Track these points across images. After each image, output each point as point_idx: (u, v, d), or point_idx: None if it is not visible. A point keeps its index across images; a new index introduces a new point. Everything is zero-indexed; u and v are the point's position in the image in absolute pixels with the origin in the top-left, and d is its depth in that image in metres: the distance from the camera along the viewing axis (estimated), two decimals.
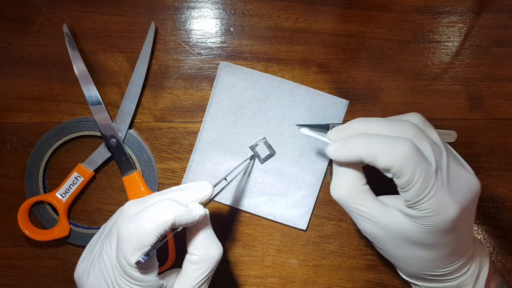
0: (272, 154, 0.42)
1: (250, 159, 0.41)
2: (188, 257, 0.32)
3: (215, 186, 0.34)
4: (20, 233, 0.41)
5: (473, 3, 0.43)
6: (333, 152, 0.31)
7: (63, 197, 0.41)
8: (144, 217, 0.29)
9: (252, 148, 0.42)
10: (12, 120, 0.43)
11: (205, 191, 0.32)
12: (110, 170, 0.43)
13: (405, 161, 0.28)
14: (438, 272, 0.32)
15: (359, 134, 0.30)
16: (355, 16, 0.43)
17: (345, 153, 0.30)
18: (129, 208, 0.31)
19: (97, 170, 0.42)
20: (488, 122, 0.43)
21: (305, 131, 0.35)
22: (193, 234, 0.32)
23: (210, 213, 0.43)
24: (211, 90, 0.43)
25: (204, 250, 0.32)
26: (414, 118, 0.32)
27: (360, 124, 0.31)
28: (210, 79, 0.43)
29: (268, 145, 0.42)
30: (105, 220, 0.43)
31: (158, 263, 0.32)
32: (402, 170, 0.28)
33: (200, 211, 0.31)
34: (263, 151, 0.42)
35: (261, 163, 0.42)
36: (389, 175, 0.29)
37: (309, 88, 0.42)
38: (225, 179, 0.36)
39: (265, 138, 0.41)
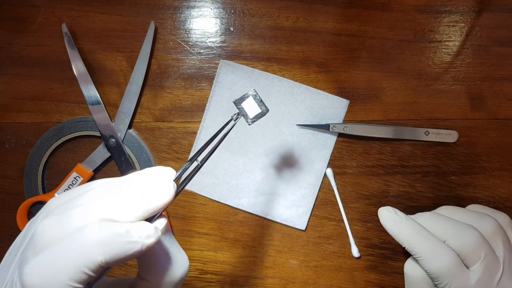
0: (264, 112, 0.31)
1: (235, 119, 0.31)
2: (138, 282, 0.24)
3: (181, 175, 0.26)
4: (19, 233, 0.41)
5: (474, 2, 0.43)
6: (385, 218, 0.34)
7: None
8: (58, 259, 0.19)
9: (237, 104, 0.31)
10: (11, 120, 0.43)
11: (165, 196, 0.22)
12: (110, 170, 0.43)
13: (444, 274, 0.30)
14: None
15: (415, 225, 0.33)
16: (355, 15, 0.43)
17: (393, 231, 0.33)
18: (45, 228, 0.20)
19: (96, 170, 0.42)
20: (489, 122, 0.43)
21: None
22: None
23: (208, 213, 0.43)
24: (211, 89, 0.42)
25: (159, 274, 0.23)
26: (502, 219, 0.35)
27: (427, 217, 0.34)
28: (210, 78, 0.43)
29: (259, 100, 0.31)
30: None
31: None
32: (438, 278, 0.31)
33: (148, 240, 0.20)
34: (251, 108, 0.31)
35: (249, 124, 0.31)
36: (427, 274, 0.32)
37: (309, 88, 0.42)
38: (196, 160, 0.28)
39: (255, 90, 0.31)
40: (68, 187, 0.41)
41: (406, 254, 0.37)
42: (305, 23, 0.43)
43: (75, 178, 0.41)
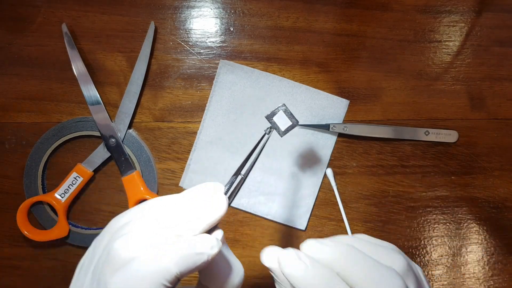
0: (294, 124, 0.32)
1: (268, 133, 0.32)
2: None
3: (229, 188, 0.28)
4: (19, 234, 0.41)
5: (474, 2, 0.43)
6: (290, 271, 0.24)
7: (62, 197, 0.41)
8: (139, 274, 0.21)
9: (269, 118, 0.32)
10: (11, 120, 0.43)
11: (220, 209, 0.24)
12: (110, 170, 0.43)
13: None
14: None
15: (326, 271, 0.24)
16: (355, 15, 0.43)
17: (299, 283, 0.23)
18: (121, 247, 0.22)
19: (96, 170, 0.42)
20: (489, 122, 0.43)
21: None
22: None
23: None
24: (211, 89, 0.42)
25: (220, 282, 0.25)
26: (400, 265, 0.26)
27: (342, 255, 0.24)
28: (210, 78, 0.43)
29: (289, 114, 0.32)
30: (104, 220, 0.43)
31: None
32: None
33: (212, 250, 0.22)
34: (282, 122, 0.32)
35: (281, 136, 0.33)
36: None
37: (309, 88, 0.42)
38: (240, 174, 0.30)
39: (285, 105, 0.32)
40: (68, 187, 0.41)
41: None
42: (305, 23, 0.43)
43: (75, 178, 0.41)
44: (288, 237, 0.43)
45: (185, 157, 0.43)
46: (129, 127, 0.42)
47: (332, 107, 0.42)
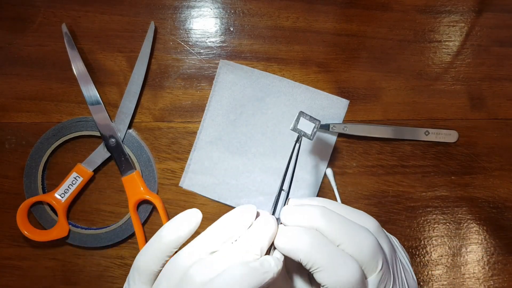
0: (318, 123, 0.35)
1: (299, 143, 0.34)
2: None
3: (276, 204, 0.29)
4: (19, 234, 0.41)
5: (474, 2, 0.43)
6: (278, 238, 0.26)
7: (62, 197, 0.41)
8: None
9: (295, 129, 0.35)
10: (11, 120, 0.43)
11: (271, 228, 0.26)
12: (109, 170, 0.43)
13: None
14: None
15: (310, 232, 0.26)
16: (355, 15, 0.43)
17: (288, 248, 0.26)
18: (196, 273, 0.24)
19: (96, 170, 0.42)
20: (489, 122, 0.43)
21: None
22: None
23: (208, 213, 0.43)
24: (211, 89, 0.42)
25: None
26: (372, 225, 0.28)
27: (318, 216, 0.26)
28: (210, 78, 0.43)
29: (309, 117, 0.35)
30: (104, 220, 0.43)
31: None
32: None
33: (277, 268, 0.25)
34: (306, 127, 0.35)
35: (311, 139, 0.35)
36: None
37: (309, 88, 0.42)
38: (283, 190, 0.31)
39: (302, 112, 0.35)
40: (68, 187, 0.41)
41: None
42: (305, 23, 0.43)
43: (75, 178, 0.41)
44: None
45: (185, 157, 0.43)
46: (129, 127, 0.42)
47: (332, 107, 0.42)
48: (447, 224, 0.43)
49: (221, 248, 0.26)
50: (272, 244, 0.27)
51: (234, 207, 0.42)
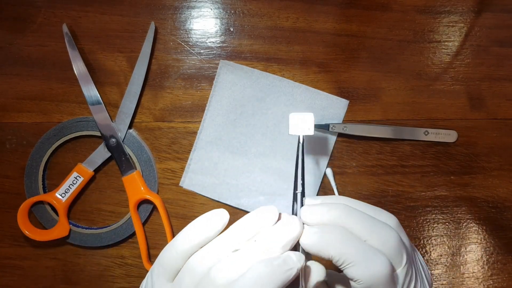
0: (312, 115, 0.35)
1: (302, 142, 0.35)
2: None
3: (293, 206, 0.30)
4: (20, 233, 0.41)
5: (473, 2, 0.43)
6: (304, 239, 0.26)
7: (62, 197, 0.41)
8: None
9: (293, 130, 0.35)
10: (12, 120, 0.43)
11: (295, 228, 0.26)
12: (110, 170, 0.43)
13: (379, 281, 0.25)
14: None
15: (338, 228, 0.26)
16: (355, 15, 0.43)
17: (317, 247, 0.26)
18: (219, 274, 0.25)
19: (96, 170, 0.42)
20: (488, 122, 0.43)
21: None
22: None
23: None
24: (211, 89, 0.43)
25: None
26: (392, 222, 0.29)
27: (340, 214, 0.27)
28: (210, 79, 0.43)
29: (301, 114, 0.35)
30: (105, 220, 0.43)
31: None
32: (370, 286, 0.26)
33: (300, 263, 0.25)
34: (302, 124, 0.35)
35: (313, 133, 0.35)
36: (352, 282, 0.27)
37: (309, 88, 0.42)
38: (297, 192, 0.32)
39: (291, 114, 0.35)
40: (69, 187, 0.41)
41: None
42: (305, 23, 0.43)
43: (76, 178, 0.41)
44: None
45: (185, 157, 0.43)
46: (130, 127, 0.42)
47: (331, 107, 0.42)
48: (447, 223, 0.44)
49: (243, 247, 0.25)
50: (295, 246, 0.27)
51: (234, 207, 0.42)
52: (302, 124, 0.35)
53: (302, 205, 0.29)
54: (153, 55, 0.43)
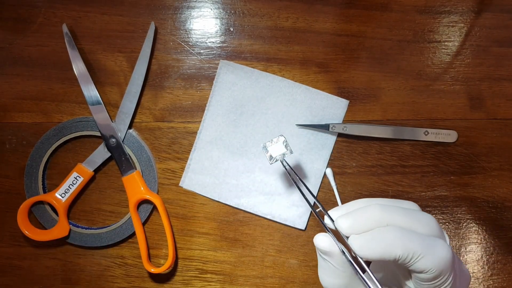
0: (283, 138, 0.36)
1: (284, 165, 0.37)
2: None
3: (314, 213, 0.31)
4: (20, 233, 0.41)
5: (473, 3, 0.43)
6: (362, 248, 0.26)
7: (62, 197, 0.41)
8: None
9: (272, 159, 0.36)
10: (12, 120, 0.43)
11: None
12: (110, 170, 0.43)
13: (447, 266, 0.26)
14: None
15: (391, 228, 0.26)
16: (355, 15, 0.43)
17: (379, 251, 0.26)
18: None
19: (96, 170, 0.42)
20: (488, 122, 0.43)
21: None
22: None
23: (208, 213, 0.43)
24: (211, 89, 0.43)
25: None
26: (416, 206, 0.30)
27: (381, 214, 0.27)
28: (210, 79, 0.43)
29: (271, 141, 0.37)
30: (105, 220, 0.43)
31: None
32: (441, 274, 0.26)
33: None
34: (277, 148, 0.37)
35: (292, 152, 0.37)
36: (420, 275, 0.27)
37: (309, 88, 0.42)
38: (314, 204, 0.33)
39: (262, 144, 0.37)
40: (69, 187, 0.41)
41: None
42: (305, 23, 0.43)
43: (76, 178, 0.41)
44: (288, 236, 0.43)
45: (185, 157, 0.43)
46: (130, 127, 0.42)
47: (331, 107, 0.42)
48: (447, 224, 0.44)
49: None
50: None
51: (234, 207, 0.42)
52: (277, 149, 0.36)
53: (331, 219, 0.29)
54: (153, 55, 0.43)
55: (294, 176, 0.34)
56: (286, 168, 0.36)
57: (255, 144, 0.42)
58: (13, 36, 0.43)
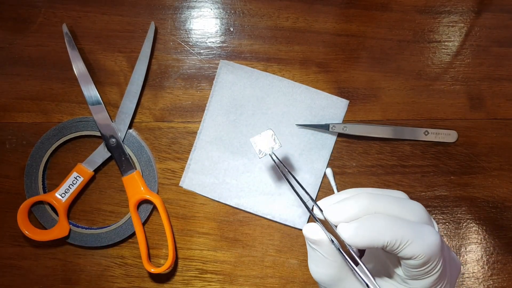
0: (271, 131, 0.37)
1: (273, 159, 0.37)
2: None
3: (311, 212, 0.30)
4: (20, 233, 0.41)
5: (473, 2, 0.43)
6: (351, 236, 0.26)
7: (62, 197, 0.41)
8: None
9: (261, 153, 0.37)
10: (12, 120, 0.43)
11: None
12: (110, 170, 0.43)
13: (435, 251, 0.26)
14: None
15: (378, 215, 0.27)
16: (355, 15, 0.43)
17: (368, 238, 0.26)
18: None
19: (96, 170, 0.42)
20: (488, 122, 0.43)
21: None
22: None
23: (208, 213, 0.43)
24: (211, 89, 0.43)
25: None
26: (403, 194, 0.30)
27: (369, 202, 0.27)
28: (210, 79, 0.43)
29: (259, 135, 0.37)
30: (105, 220, 0.43)
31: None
32: (429, 259, 0.26)
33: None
34: (265, 142, 0.37)
35: (281, 146, 0.38)
36: (409, 262, 0.27)
37: (309, 88, 0.42)
38: (308, 200, 0.32)
39: (250, 139, 0.37)
40: (69, 187, 0.41)
41: None
42: (305, 23, 0.43)
43: (76, 178, 0.41)
44: (288, 236, 0.43)
45: (185, 157, 0.43)
46: (130, 127, 0.42)
47: (331, 107, 0.42)
48: (447, 224, 0.44)
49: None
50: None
51: (234, 207, 0.42)
52: (266, 143, 0.36)
53: (320, 209, 0.29)
54: (153, 55, 0.43)
55: (283, 169, 0.34)
56: (275, 162, 0.36)
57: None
58: (13, 36, 0.43)
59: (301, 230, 0.43)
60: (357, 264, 0.27)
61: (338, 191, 0.42)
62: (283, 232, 0.43)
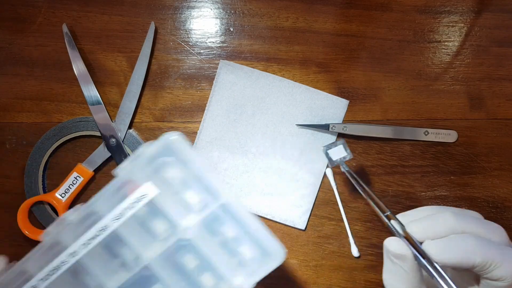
0: (342, 141, 0.38)
1: (346, 171, 0.37)
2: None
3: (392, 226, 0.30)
4: (20, 234, 0.41)
5: (473, 2, 0.43)
6: (440, 253, 0.26)
7: (62, 197, 0.41)
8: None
9: (332, 162, 0.38)
10: (12, 120, 0.43)
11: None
12: (110, 170, 0.43)
13: None
14: None
15: (467, 235, 0.27)
16: (355, 15, 0.43)
17: (458, 257, 0.26)
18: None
19: (96, 170, 0.42)
20: (488, 122, 0.43)
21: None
22: None
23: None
24: (211, 89, 0.43)
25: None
26: (479, 214, 0.31)
27: (456, 221, 0.28)
28: (210, 79, 0.43)
29: (332, 144, 0.38)
30: None
31: None
32: None
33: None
34: (337, 152, 0.38)
35: (352, 156, 0.38)
36: (495, 283, 0.27)
37: (309, 88, 0.42)
38: (387, 214, 0.32)
39: (324, 148, 0.38)
40: (69, 187, 0.41)
41: None
42: (305, 23, 0.43)
43: (76, 178, 0.41)
44: (288, 236, 0.43)
45: None
46: (130, 127, 0.42)
47: (331, 107, 0.42)
48: None
49: None
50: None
51: None
52: (338, 153, 0.38)
53: (401, 223, 0.29)
54: (153, 55, 0.43)
55: (354, 180, 0.35)
56: (345, 171, 0.37)
57: (255, 144, 0.42)
58: (13, 36, 0.43)
59: (301, 230, 0.43)
60: (441, 276, 0.27)
61: (338, 191, 0.42)
62: (283, 232, 0.43)
